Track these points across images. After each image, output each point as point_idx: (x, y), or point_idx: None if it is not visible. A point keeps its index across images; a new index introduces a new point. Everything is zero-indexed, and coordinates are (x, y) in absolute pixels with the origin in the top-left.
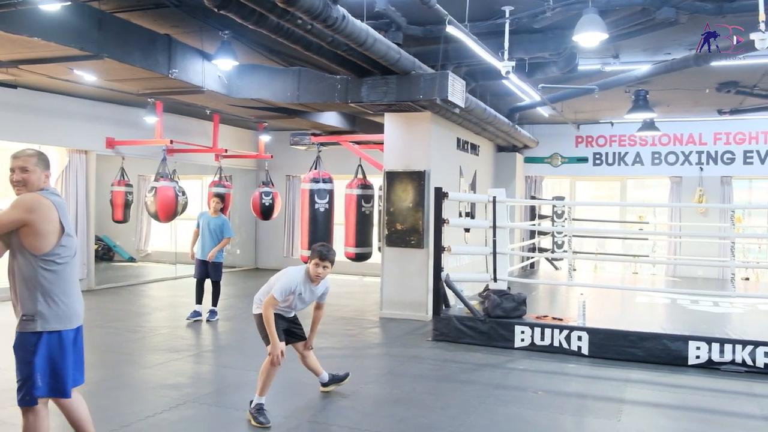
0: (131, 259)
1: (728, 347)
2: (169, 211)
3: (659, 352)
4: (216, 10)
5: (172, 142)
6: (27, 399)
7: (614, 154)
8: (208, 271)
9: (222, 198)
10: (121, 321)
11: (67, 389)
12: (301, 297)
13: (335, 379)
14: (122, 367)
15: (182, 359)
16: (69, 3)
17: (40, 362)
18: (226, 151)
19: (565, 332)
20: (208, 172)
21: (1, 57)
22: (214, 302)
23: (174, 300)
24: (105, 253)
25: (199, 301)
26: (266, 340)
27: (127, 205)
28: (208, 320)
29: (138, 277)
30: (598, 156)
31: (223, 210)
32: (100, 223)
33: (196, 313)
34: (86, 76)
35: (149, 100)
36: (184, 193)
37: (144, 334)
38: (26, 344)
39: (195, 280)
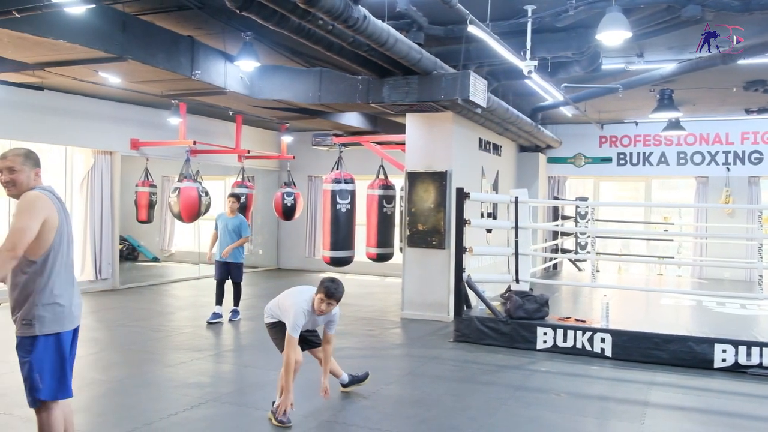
0: (155, 259)
1: (755, 350)
2: (193, 211)
3: (684, 355)
4: (238, 11)
5: (195, 143)
6: (29, 401)
7: (639, 154)
8: (228, 272)
9: (238, 198)
10: (145, 320)
11: (70, 389)
12: (310, 324)
13: (355, 380)
14: (145, 365)
15: (204, 358)
16: (93, 6)
17: (36, 365)
18: (248, 151)
19: (588, 334)
20: (231, 173)
21: (28, 59)
22: (236, 302)
23: (197, 300)
24: (129, 253)
25: (219, 302)
26: (281, 347)
27: (151, 205)
28: (230, 320)
29: (162, 276)
30: (622, 156)
31: (245, 209)
32: (124, 224)
33: (217, 315)
34: (111, 77)
35: (173, 101)
36: (207, 194)
37: (167, 333)
38: (25, 347)
39: (215, 281)
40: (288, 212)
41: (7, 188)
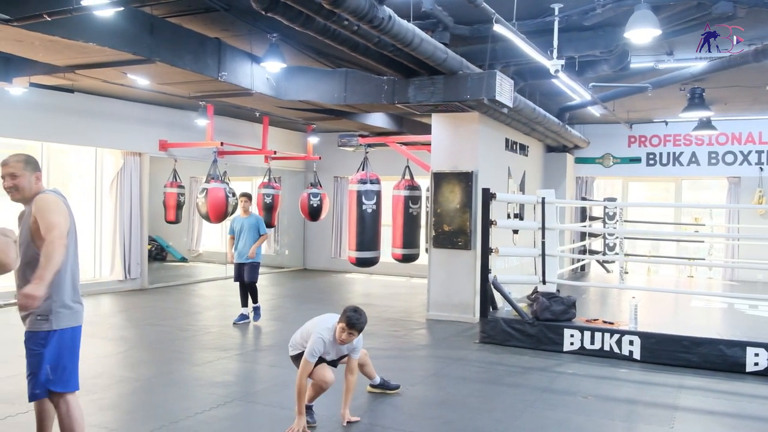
0: (183, 259)
1: None
2: (220, 212)
3: (715, 358)
4: (264, 12)
5: (222, 144)
6: (38, 392)
7: (669, 154)
8: (243, 273)
9: (249, 197)
10: (173, 319)
11: (77, 382)
12: (329, 356)
13: (385, 385)
14: (173, 364)
15: (230, 358)
16: (122, 9)
17: (47, 358)
18: (275, 152)
19: (616, 336)
20: (257, 174)
21: (59, 62)
22: (254, 299)
23: (224, 299)
24: (158, 253)
25: (244, 303)
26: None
27: (179, 206)
28: (254, 320)
29: (189, 276)
30: (651, 156)
31: (272, 210)
32: (153, 224)
33: (243, 317)
34: (139, 79)
35: (200, 103)
36: (234, 195)
37: (194, 332)
38: (39, 340)
39: (237, 283)
40: (314, 213)
41: (11, 193)
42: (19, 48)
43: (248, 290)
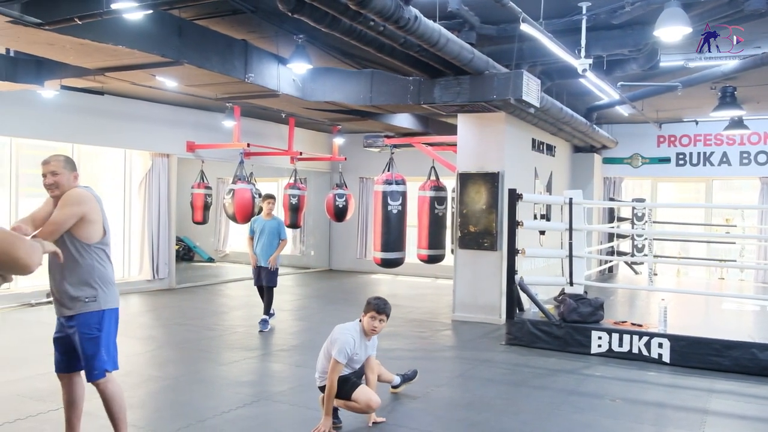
0: (210, 260)
1: None
2: (247, 212)
3: (747, 362)
4: (290, 14)
5: (249, 145)
6: (96, 373)
7: (699, 154)
8: (261, 277)
9: (274, 198)
10: (200, 319)
11: (117, 361)
12: (357, 357)
13: (405, 379)
14: (199, 363)
15: (256, 357)
16: (150, 12)
17: (104, 337)
18: (301, 153)
19: (645, 339)
20: (283, 175)
21: (89, 65)
22: (267, 309)
23: (250, 300)
24: (185, 254)
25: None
26: (345, 395)
27: (206, 206)
28: (260, 331)
29: (216, 276)
30: (681, 156)
31: (297, 211)
32: (180, 225)
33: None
34: (167, 81)
35: (227, 104)
36: (260, 195)
37: (221, 332)
38: (92, 322)
39: (256, 287)
40: (339, 214)
41: (51, 190)
42: (50, 51)
43: (266, 295)
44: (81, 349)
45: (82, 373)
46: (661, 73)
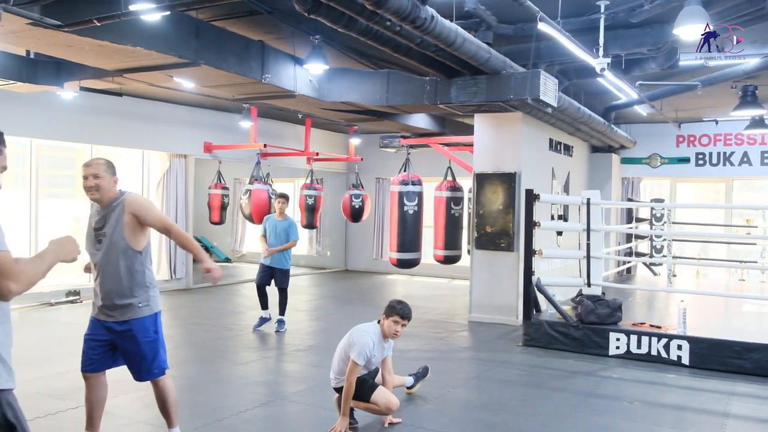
0: (227, 260)
1: None
2: (263, 212)
3: None
4: (307, 14)
5: (265, 146)
6: (156, 372)
7: (719, 153)
8: (272, 277)
9: (287, 198)
10: (217, 319)
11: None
12: (375, 358)
13: (418, 377)
14: (216, 363)
15: (273, 357)
16: (168, 13)
17: (160, 338)
18: (317, 154)
19: (664, 340)
20: (300, 175)
21: (108, 66)
22: (282, 311)
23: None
24: None
25: (264, 306)
26: (363, 398)
27: (223, 207)
28: (276, 331)
29: (233, 277)
30: (701, 156)
31: (314, 211)
32: (198, 225)
33: (263, 320)
34: (185, 82)
35: (244, 105)
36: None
37: (238, 332)
38: (148, 326)
39: (256, 285)
40: (356, 214)
41: (91, 192)
42: (70, 53)
43: (279, 297)
44: (139, 353)
45: (106, 372)
46: (680, 72)
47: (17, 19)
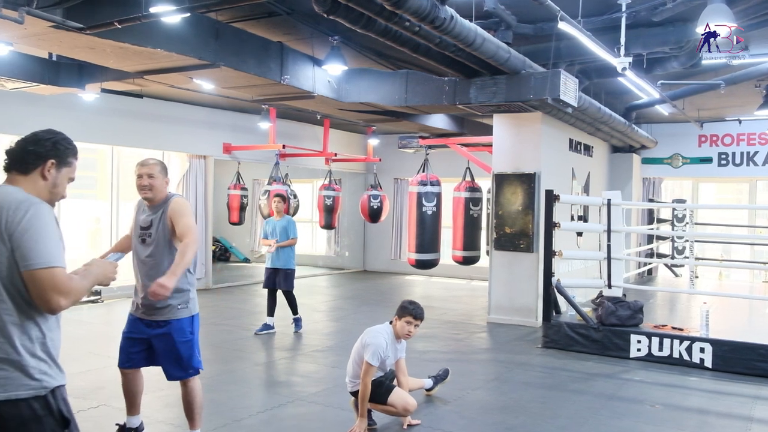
0: (246, 260)
1: None
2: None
3: None
4: (325, 15)
5: (284, 146)
6: (191, 372)
7: (742, 153)
8: (277, 280)
9: (283, 198)
10: (236, 319)
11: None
12: (388, 359)
13: (438, 380)
14: (235, 363)
15: (292, 358)
16: (188, 15)
17: (196, 339)
18: (335, 155)
19: (686, 343)
20: (318, 176)
21: (129, 68)
22: (294, 311)
23: (284, 300)
24: (222, 254)
25: (270, 313)
26: (380, 399)
27: (242, 207)
28: (295, 331)
29: (252, 277)
30: (723, 156)
31: (332, 212)
32: (217, 225)
33: (267, 326)
34: (204, 84)
35: (263, 106)
36: (295, 196)
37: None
38: (185, 327)
39: (266, 290)
40: (374, 215)
41: (144, 191)
42: (91, 55)
43: (286, 300)
44: (176, 352)
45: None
46: (703, 70)
47: (40, 22)
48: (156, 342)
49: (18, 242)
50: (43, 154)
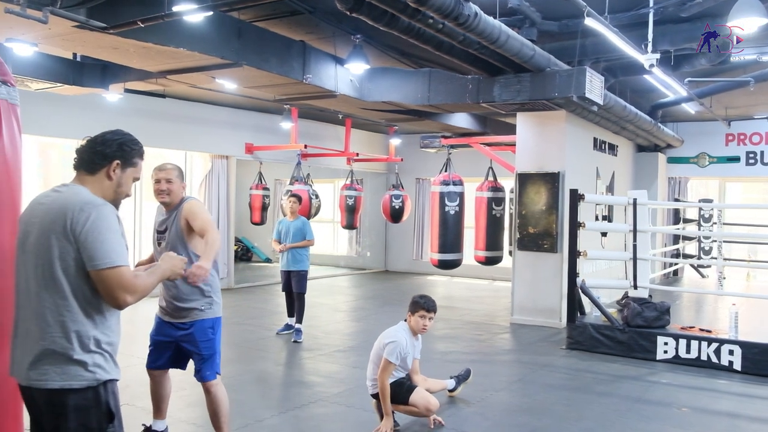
0: (267, 260)
1: None
2: (303, 213)
3: None
4: (348, 13)
5: (306, 146)
6: (209, 374)
7: None
8: (290, 282)
9: (298, 198)
10: (258, 318)
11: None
12: (408, 357)
13: (460, 380)
14: (257, 363)
15: (314, 358)
16: (210, 14)
17: (218, 342)
18: (357, 154)
19: (715, 345)
20: (340, 176)
21: (152, 68)
22: (299, 318)
23: (307, 299)
24: (244, 254)
25: (291, 314)
26: (401, 400)
27: (264, 207)
28: (294, 341)
29: (273, 277)
30: (751, 155)
31: (354, 212)
32: (239, 225)
33: (289, 327)
34: (226, 83)
35: (285, 106)
36: (317, 197)
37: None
38: (207, 329)
39: (284, 293)
40: (396, 215)
41: (161, 196)
42: (115, 55)
43: (296, 303)
44: (198, 352)
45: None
46: (731, 68)
47: (64, 22)
48: (182, 343)
49: (84, 244)
50: (109, 154)
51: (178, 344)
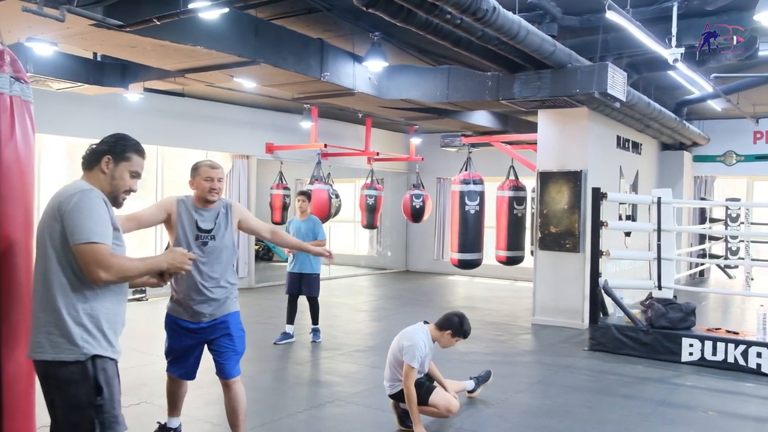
0: (287, 259)
1: None
2: (323, 213)
3: None
4: (365, 8)
5: (326, 146)
6: (237, 370)
7: None
8: (301, 286)
9: (308, 196)
10: (278, 318)
11: None
12: (427, 358)
13: (480, 381)
14: (276, 362)
15: (332, 358)
16: (227, 11)
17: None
18: (377, 154)
19: (742, 347)
20: (360, 175)
21: (169, 67)
22: (314, 320)
23: (326, 299)
24: (264, 254)
25: (290, 320)
26: (421, 400)
27: (284, 207)
28: (313, 341)
29: None
30: None
31: (374, 211)
32: None
33: (286, 335)
34: (245, 82)
35: (305, 105)
36: (337, 196)
37: (298, 331)
38: (239, 321)
39: (287, 296)
40: (416, 214)
41: (212, 194)
42: (133, 54)
43: (309, 308)
44: (233, 347)
45: None
46: (759, 62)
47: (81, 21)
48: (215, 341)
49: (67, 221)
50: (100, 150)
51: (204, 345)
